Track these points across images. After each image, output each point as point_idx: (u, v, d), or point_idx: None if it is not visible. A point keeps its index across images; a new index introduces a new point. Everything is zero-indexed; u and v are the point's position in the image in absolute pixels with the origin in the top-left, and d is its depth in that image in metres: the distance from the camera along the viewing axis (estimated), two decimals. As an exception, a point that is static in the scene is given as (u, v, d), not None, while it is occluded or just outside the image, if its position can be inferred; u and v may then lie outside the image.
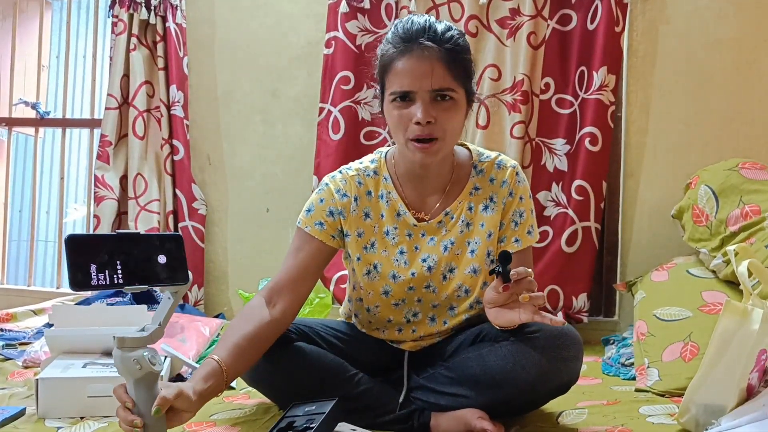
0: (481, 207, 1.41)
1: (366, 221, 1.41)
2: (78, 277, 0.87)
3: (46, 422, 1.39)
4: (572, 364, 1.32)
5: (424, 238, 1.41)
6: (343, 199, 1.40)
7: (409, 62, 1.26)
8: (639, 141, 2.40)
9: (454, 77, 1.28)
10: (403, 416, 1.34)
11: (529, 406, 1.40)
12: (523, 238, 1.42)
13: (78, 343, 1.60)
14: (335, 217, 1.40)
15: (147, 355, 0.94)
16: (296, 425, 1.16)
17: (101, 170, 2.73)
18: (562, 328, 1.28)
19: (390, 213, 1.41)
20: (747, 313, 1.21)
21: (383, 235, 1.42)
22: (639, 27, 2.39)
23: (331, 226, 1.40)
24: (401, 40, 1.29)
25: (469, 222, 1.41)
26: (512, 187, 1.41)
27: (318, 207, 1.41)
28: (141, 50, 2.72)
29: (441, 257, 1.41)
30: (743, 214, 1.85)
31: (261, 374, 1.36)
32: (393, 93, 1.29)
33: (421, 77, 1.25)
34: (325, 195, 1.42)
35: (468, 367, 1.32)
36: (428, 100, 1.27)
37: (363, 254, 1.42)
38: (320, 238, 1.39)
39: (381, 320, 1.48)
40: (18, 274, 3.70)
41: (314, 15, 2.65)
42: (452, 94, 1.28)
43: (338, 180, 1.43)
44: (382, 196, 1.42)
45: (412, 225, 1.41)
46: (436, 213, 1.41)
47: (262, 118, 2.76)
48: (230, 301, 2.78)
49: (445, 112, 1.28)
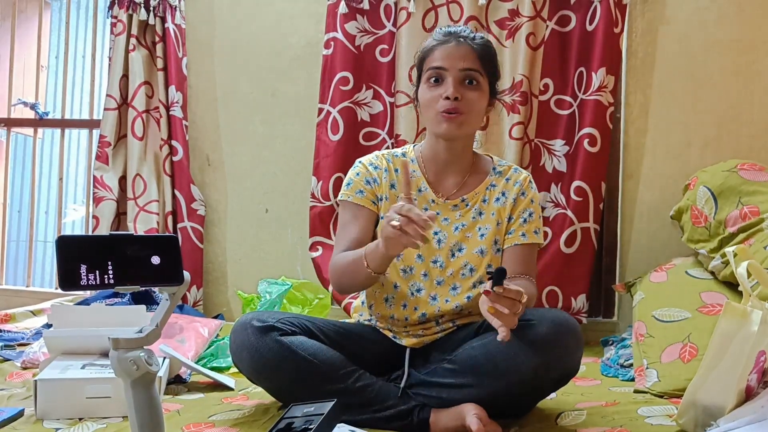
0: (494, 199, 1.56)
1: (392, 191, 1.57)
2: (67, 276, 0.87)
3: (45, 423, 1.39)
4: (573, 353, 1.36)
5: (438, 216, 1.54)
6: (376, 170, 1.58)
7: (445, 48, 1.50)
8: (638, 142, 2.40)
9: (483, 66, 1.50)
10: (403, 412, 1.36)
11: (530, 399, 1.42)
12: (529, 235, 1.53)
13: (77, 344, 1.60)
14: (372, 185, 1.57)
15: (143, 356, 0.94)
16: (295, 426, 1.16)
17: (100, 171, 2.73)
18: (563, 317, 1.36)
19: (412, 187, 1.55)
20: (746, 315, 1.21)
21: None
22: (638, 28, 2.39)
23: (371, 193, 1.56)
24: (442, 35, 1.52)
25: (482, 211, 1.55)
26: (525, 188, 1.57)
27: (356, 179, 1.57)
28: (140, 51, 2.72)
29: (451, 235, 1.53)
30: (742, 215, 1.85)
31: (264, 366, 1.39)
32: (429, 69, 1.50)
33: (454, 58, 1.48)
34: (360, 169, 1.59)
35: (471, 357, 1.36)
36: (458, 79, 1.47)
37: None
38: (363, 203, 1.55)
39: (389, 285, 1.54)
40: (17, 274, 3.70)
41: (313, 16, 2.65)
42: (479, 78, 1.49)
43: (370, 157, 1.62)
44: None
45: (430, 201, 1.56)
46: (454, 197, 1.56)
47: (261, 119, 2.76)
48: (229, 301, 2.78)
49: (471, 92, 1.48)
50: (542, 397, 1.45)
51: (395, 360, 1.51)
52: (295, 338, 1.39)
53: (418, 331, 1.53)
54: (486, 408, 1.32)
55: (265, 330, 1.39)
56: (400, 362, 1.49)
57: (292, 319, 1.45)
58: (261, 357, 1.38)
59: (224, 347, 1.95)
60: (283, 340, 1.38)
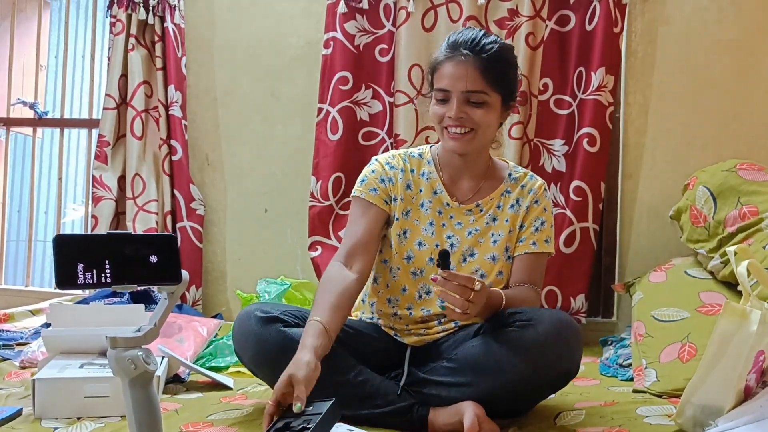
0: (508, 206, 1.57)
1: (407, 191, 1.57)
2: (64, 275, 0.87)
3: (43, 422, 1.39)
4: (573, 352, 1.36)
5: (452, 220, 1.56)
6: (392, 170, 1.58)
7: (449, 66, 1.47)
8: (637, 142, 2.40)
9: (488, 82, 1.45)
10: (402, 408, 1.36)
11: (529, 400, 1.42)
12: (540, 244, 1.54)
13: (75, 343, 1.60)
14: (386, 184, 1.56)
15: (141, 355, 0.94)
16: (293, 426, 1.16)
17: (99, 170, 2.72)
18: (563, 317, 1.37)
19: (428, 189, 1.57)
20: (746, 315, 1.21)
21: (419, 206, 1.57)
22: (638, 28, 2.39)
23: (384, 192, 1.56)
24: (449, 47, 1.49)
25: (496, 217, 1.56)
26: (539, 196, 1.57)
27: (370, 177, 1.57)
28: (139, 50, 2.72)
29: (464, 240, 1.54)
30: (741, 215, 1.85)
31: (267, 356, 1.39)
32: (436, 90, 1.50)
33: (457, 79, 1.45)
34: (375, 167, 1.58)
35: (471, 356, 1.36)
36: (462, 100, 1.46)
37: (401, 217, 1.56)
38: (375, 202, 1.54)
39: (397, 288, 1.54)
40: (16, 274, 3.70)
41: (313, 15, 2.65)
42: (484, 97, 1.46)
43: (387, 156, 1.61)
44: (423, 174, 1.59)
45: (445, 204, 1.56)
46: (469, 202, 1.57)
47: (260, 119, 2.76)
48: (228, 301, 2.78)
49: (477, 110, 1.46)
50: (542, 398, 1.45)
51: (396, 358, 1.51)
52: (298, 330, 1.39)
53: (419, 330, 1.54)
54: (485, 407, 1.31)
55: (269, 320, 1.40)
56: (401, 360, 1.49)
57: (295, 311, 1.47)
58: (264, 346, 1.38)
59: (223, 347, 1.95)
60: (286, 331, 1.39)
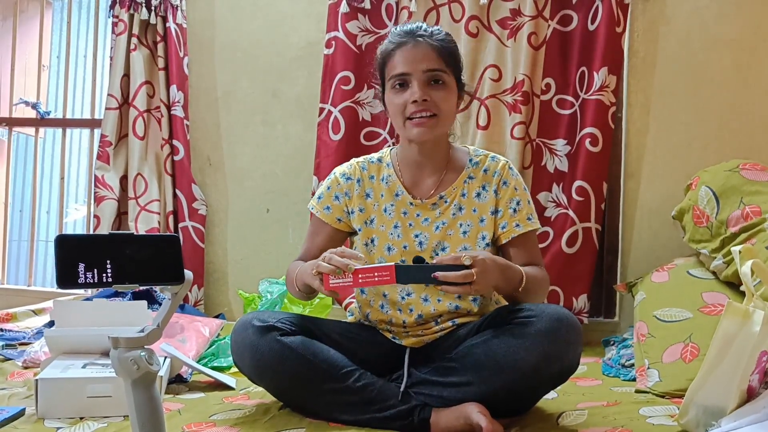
0: (474, 194, 1.54)
1: (367, 200, 1.57)
2: (64, 274, 0.87)
3: (46, 422, 1.39)
4: (573, 347, 1.36)
5: (418, 218, 1.54)
6: (347, 182, 1.58)
7: (404, 51, 1.46)
8: (639, 142, 2.40)
9: (445, 63, 1.47)
10: (404, 412, 1.35)
11: (530, 396, 1.42)
12: (524, 223, 1.52)
13: (78, 343, 1.60)
14: (340, 201, 1.57)
15: (144, 355, 0.94)
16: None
17: (101, 170, 2.73)
18: (562, 312, 1.35)
19: (389, 193, 1.56)
20: (748, 315, 1.20)
21: (382, 212, 1.56)
22: (640, 27, 2.39)
23: (337, 209, 1.57)
24: (398, 37, 1.49)
25: (462, 206, 1.53)
26: (505, 177, 1.54)
27: (326, 194, 1.59)
28: (141, 50, 2.72)
29: (432, 235, 1.52)
30: (744, 215, 1.85)
31: (264, 366, 1.39)
32: (392, 77, 1.47)
33: (416, 61, 1.45)
34: (331, 183, 1.60)
35: (472, 354, 1.36)
36: (423, 81, 1.44)
37: (364, 228, 1.56)
38: (328, 221, 1.58)
39: (378, 294, 1.54)
40: (18, 274, 3.70)
41: (315, 15, 2.65)
42: (444, 77, 1.46)
43: (344, 167, 1.61)
44: (383, 178, 1.58)
45: (408, 204, 1.55)
46: (431, 196, 1.54)
47: (262, 119, 2.76)
48: (230, 301, 2.78)
49: (438, 92, 1.46)
50: (543, 393, 1.44)
51: (396, 360, 1.50)
52: (295, 338, 1.40)
53: (417, 331, 1.53)
54: (487, 406, 1.31)
55: (266, 330, 1.40)
56: (400, 362, 1.49)
57: (292, 319, 1.46)
58: (262, 356, 1.39)
59: (225, 347, 1.95)
60: (283, 340, 1.39)
